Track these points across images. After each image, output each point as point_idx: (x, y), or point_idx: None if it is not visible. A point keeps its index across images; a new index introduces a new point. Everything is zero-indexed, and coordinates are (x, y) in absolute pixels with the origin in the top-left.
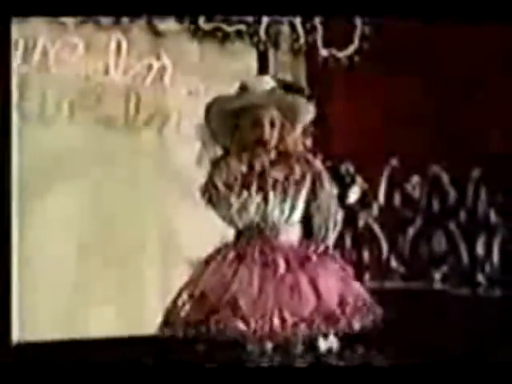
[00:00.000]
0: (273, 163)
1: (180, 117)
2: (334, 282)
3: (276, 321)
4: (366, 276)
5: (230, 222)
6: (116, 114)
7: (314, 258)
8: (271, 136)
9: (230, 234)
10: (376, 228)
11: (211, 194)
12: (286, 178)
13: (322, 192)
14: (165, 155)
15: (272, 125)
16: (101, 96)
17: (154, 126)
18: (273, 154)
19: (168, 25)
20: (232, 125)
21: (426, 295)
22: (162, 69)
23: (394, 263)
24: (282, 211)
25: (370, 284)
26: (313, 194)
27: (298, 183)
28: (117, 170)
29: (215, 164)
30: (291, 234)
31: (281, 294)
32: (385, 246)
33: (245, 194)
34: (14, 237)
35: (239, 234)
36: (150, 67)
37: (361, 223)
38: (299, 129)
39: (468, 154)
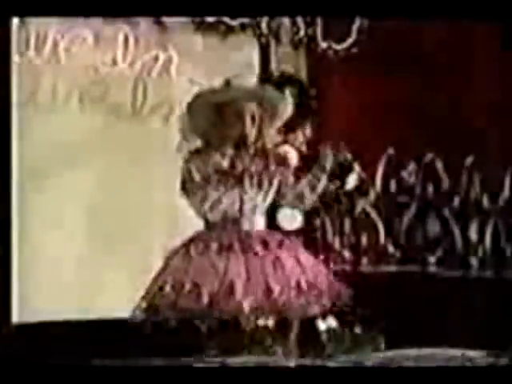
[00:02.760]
0: (251, 158)
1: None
2: (310, 260)
3: (266, 294)
4: (364, 260)
5: (201, 214)
6: (124, 104)
7: (288, 241)
8: (251, 130)
9: None
10: (373, 214)
11: (185, 184)
12: (261, 173)
13: (290, 186)
14: (170, 143)
15: (253, 119)
16: (109, 86)
17: (160, 115)
18: (251, 149)
19: (173, 18)
20: (214, 118)
21: (421, 278)
22: (168, 60)
23: (390, 248)
24: (255, 204)
25: (368, 268)
26: (284, 188)
27: (272, 177)
28: (124, 157)
29: (194, 155)
30: (260, 224)
31: (267, 272)
32: (382, 232)
33: (221, 188)
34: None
35: (210, 224)
36: (156, 59)
37: (358, 209)
38: (277, 125)
39: (462, 142)
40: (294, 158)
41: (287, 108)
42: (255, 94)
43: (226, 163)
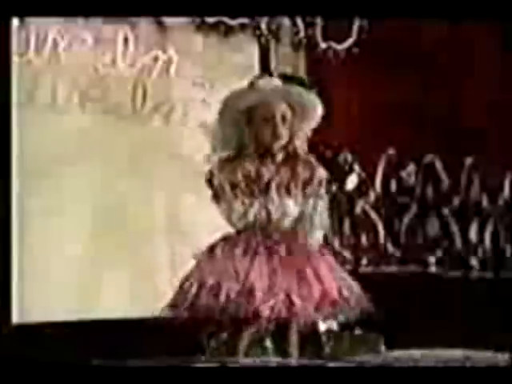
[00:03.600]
0: (279, 165)
1: (185, 107)
2: (333, 273)
3: (286, 305)
4: (364, 260)
5: (231, 222)
6: (124, 104)
7: (313, 249)
8: (282, 132)
9: None
10: (373, 214)
11: (217, 193)
12: (290, 182)
13: (320, 197)
14: (171, 144)
15: (283, 120)
16: (109, 87)
17: (161, 115)
18: (280, 156)
19: (173, 19)
20: (244, 123)
21: (421, 278)
22: (168, 61)
23: (390, 248)
24: (283, 213)
25: (368, 268)
26: (313, 199)
27: (301, 187)
28: (124, 157)
29: (224, 163)
30: (289, 232)
31: (289, 280)
32: (381, 232)
33: (248, 199)
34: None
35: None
36: (156, 59)
37: (358, 210)
38: (308, 128)
39: (462, 143)
40: (324, 175)
41: (317, 109)
42: (283, 94)
43: (253, 171)
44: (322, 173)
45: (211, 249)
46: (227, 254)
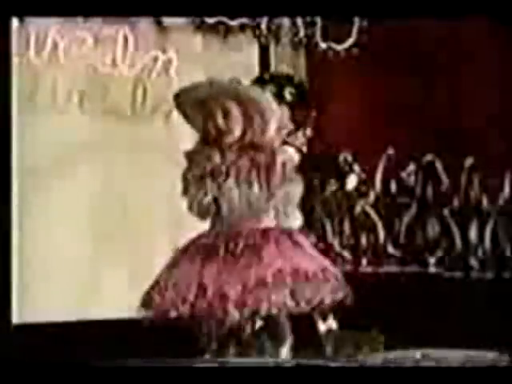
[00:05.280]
0: (237, 156)
1: None
2: (306, 255)
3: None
4: (364, 260)
5: (194, 214)
6: (123, 104)
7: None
8: (233, 126)
9: None
10: (373, 214)
11: (186, 187)
12: (249, 171)
13: (289, 180)
14: (170, 144)
15: (226, 115)
16: (109, 87)
17: (160, 115)
18: (236, 147)
19: (173, 19)
20: (198, 118)
21: (421, 279)
22: (168, 61)
23: (390, 248)
24: (247, 200)
25: (368, 268)
26: (281, 182)
27: (265, 175)
28: (124, 157)
29: (189, 156)
30: (258, 220)
31: (241, 270)
32: (381, 232)
33: (207, 190)
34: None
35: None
36: (155, 60)
37: (358, 210)
38: (269, 123)
39: (462, 143)
40: (289, 158)
41: (271, 106)
42: (231, 92)
43: (211, 163)
44: (287, 156)
45: (180, 248)
46: (189, 254)
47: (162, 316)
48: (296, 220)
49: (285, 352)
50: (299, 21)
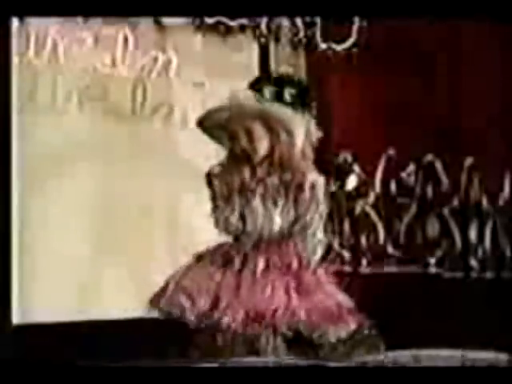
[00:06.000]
0: (264, 175)
1: (185, 108)
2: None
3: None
4: (364, 261)
5: (218, 229)
6: (123, 105)
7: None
8: (252, 146)
9: None
10: (373, 214)
11: (214, 204)
12: (277, 191)
13: (316, 202)
14: (170, 144)
15: (250, 136)
16: (108, 87)
17: (160, 116)
18: (264, 166)
19: (173, 19)
20: (224, 138)
21: (421, 279)
22: (168, 61)
23: (390, 248)
24: (269, 223)
25: (368, 268)
26: (308, 204)
27: (293, 195)
28: (124, 158)
29: (219, 170)
30: (282, 242)
31: (256, 292)
32: (381, 232)
33: (232, 208)
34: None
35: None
36: (155, 60)
37: (358, 210)
38: (298, 139)
39: (462, 143)
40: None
41: (293, 118)
42: (251, 111)
43: (237, 181)
44: (314, 177)
45: (198, 256)
46: (204, 264)
47: (168, 318)
48: (318, 249)
49: (284, 352)
50: (299, 21)
